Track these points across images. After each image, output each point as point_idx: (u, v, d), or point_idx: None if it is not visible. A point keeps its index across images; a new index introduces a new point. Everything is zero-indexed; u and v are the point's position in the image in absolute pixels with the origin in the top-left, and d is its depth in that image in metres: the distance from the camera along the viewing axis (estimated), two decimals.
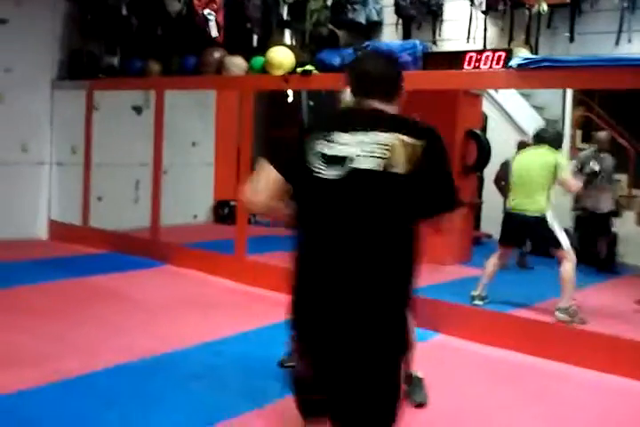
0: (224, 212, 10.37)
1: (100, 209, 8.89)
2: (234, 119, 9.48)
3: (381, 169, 2.27)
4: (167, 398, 4.06)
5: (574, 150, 10.03)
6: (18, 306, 5.87)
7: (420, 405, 4.01)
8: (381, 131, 2.31)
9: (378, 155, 2.27)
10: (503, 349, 5.19)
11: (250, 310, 5.99)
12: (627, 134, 9.25)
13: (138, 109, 9.41)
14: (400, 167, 2.26)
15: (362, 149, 2.30)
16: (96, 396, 4.03)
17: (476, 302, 6.15)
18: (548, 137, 6.29)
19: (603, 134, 8.02)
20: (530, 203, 6.03)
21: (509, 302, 6.12)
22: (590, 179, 6.10)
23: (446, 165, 2.40)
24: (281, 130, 10.16)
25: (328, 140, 2.36)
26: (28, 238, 8.88)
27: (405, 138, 2.28)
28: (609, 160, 7.79)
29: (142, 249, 8.11)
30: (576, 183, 6.15)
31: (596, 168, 6.12)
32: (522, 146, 8.03)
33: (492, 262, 6.27)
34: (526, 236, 6.37)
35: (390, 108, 2.48)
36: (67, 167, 9.21)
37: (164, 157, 8.13)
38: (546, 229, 5.96)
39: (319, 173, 2.35)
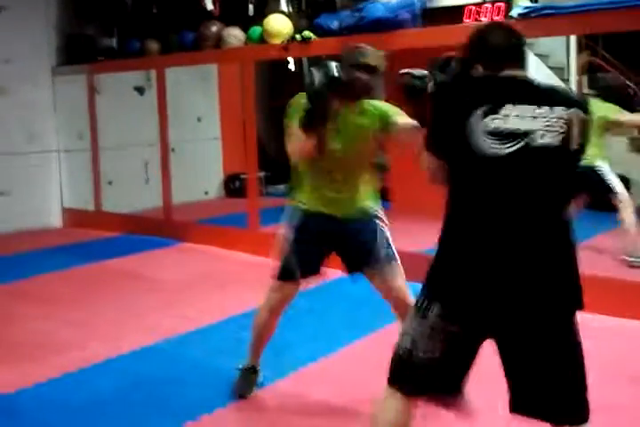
0: (235, 186, 10.34)
1: (111, 192, 8.89)
2: (237, 91, 9.41)
3: (561, 145, 2.24)
4: (195, 374, 4.08)
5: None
6: (40, 295, 5.89)
7: None
8: (559, 105, 2.26)
9: (559, 130, 2.23)
10: None
11: (268, 281, 5.96)
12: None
13: (140, 90, 9.35)
14: (575, 143, 2.27)
15: (543, 123, 2.23)
16: (124, 378, 4.05)
17: None
18: (597, 89, 6.48)
19: None
20: None
21: None
22: None
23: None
24: (285, 99, 10.15)
25: (498, 114, 2.25)
26: (43, 227, 8.91)
27: (580, 113, 2.28)
28: None
29: (156, 229, 8.12)
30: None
31: None
32: None
33: None
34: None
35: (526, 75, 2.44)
36: (75, 153, 9.18)
37: (170, 136, 8.10)
38: (599, 178, 6.09)
39: (486, 150, 2.24)
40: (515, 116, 2.23)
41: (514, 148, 2.22)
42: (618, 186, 6.08)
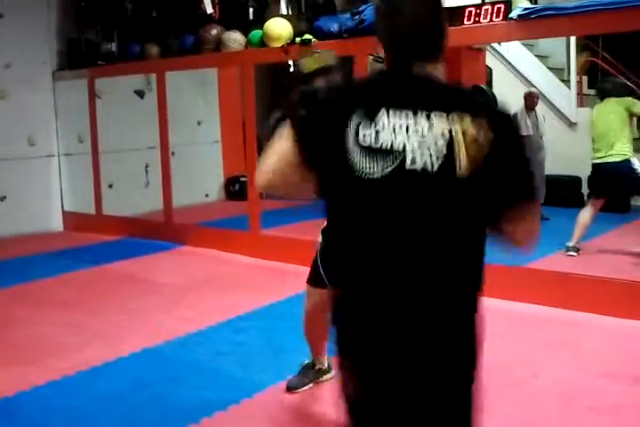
0: (235, 188, 10.36)
1: (111, 196, 8.89)
2: (237, 95, 9.42)
3: (438, 170, 1.68)
4: (195, 377, 4.07)
5: (581, 97, 9.91)
6: (42, 299, 5.88)
7: None
8: (439, 113, 1.69)
9: (435, 150, 1.68)
10: (522, 302, 5.18)
11: (268, 284, 5.99)
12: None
13: (140, 93, 9.37)
14: (463, 167, 1.67)
15: (414, 138, 1.70)
16: (124, 380, 4.04)
17: (571, 252, 6.36)
18: (611, 88, 6.54)
19: None
20: (614, 151, 6.18)
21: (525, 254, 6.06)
22: None
23: (525, 161, 1.78)
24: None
25: (371, 122, 1.74)
26: (44, 231, 8.89)
27: (471, 126, 1.67)
28: None
29: (157, 232, 8.11)
30: None
31: None
32: (529, 97, 7.98)
33: (587, 214, 6.40)
34: (615, 183, 6.38)
35: (437, 72, 1.83)
36: (75, 157, 9.19)
37: (170, 139, 8.09)
38: (632, 174, 6.15)
39: (357, 169, 1.75)
40: (387, 128, 1.73)
41: (381, 168, 1.72)
42: None
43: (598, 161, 6.28)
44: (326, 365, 3.92)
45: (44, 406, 3.72)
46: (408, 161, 1.69)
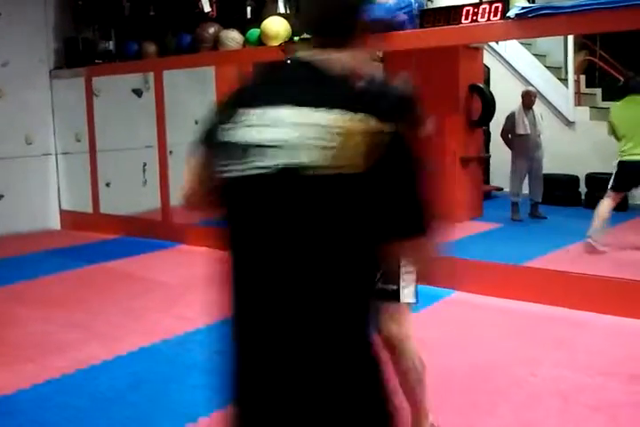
0: None
1: (109, 195, 8.89)
2: None
3: (326, 164, 1.46)
4: (193, 376, 4.05)
5: (579, 96, 9.92)
6: (38, 297, 5.88)
7: None
8: (329, 105, 1.49)
9: (322, 144, 1.47)
10: (520, 301, 5.20)
11: None
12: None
13: (138, 92, 9.35)
14: (353, 163, 1.46)
15: (297, 133, 1.49)
16: (123, 379, 4.05)
17: (590, 240, 6.35)
18: (635, 86, 6.60)
19: None
20: None
21: (523, 253, 6.08)
22: None
23: (420, 167, 1.52)
24: None
25: (242, 121, 1.58)
26: (41, 229, 8.90)
27: (366, 119, 1.46)
28: None
29: (155, 231, 8.11)
30: None
31: None
32: (526, 96, 8.00)
33: (608, 205, 6.38)
34: None
35: (345, 58, 1.61)
36: (73, 156, 9.19)
37: (168, 138, 8.09)
38: None
39: (228, 169, 1.59)
40: (261, 125, 1.55)
41: (256, 167, 1.53)
42: None
43: (630, 158, 6.27)
44: None
45: (43, 404, 3.72)
46: (291, 156, 1.49)
